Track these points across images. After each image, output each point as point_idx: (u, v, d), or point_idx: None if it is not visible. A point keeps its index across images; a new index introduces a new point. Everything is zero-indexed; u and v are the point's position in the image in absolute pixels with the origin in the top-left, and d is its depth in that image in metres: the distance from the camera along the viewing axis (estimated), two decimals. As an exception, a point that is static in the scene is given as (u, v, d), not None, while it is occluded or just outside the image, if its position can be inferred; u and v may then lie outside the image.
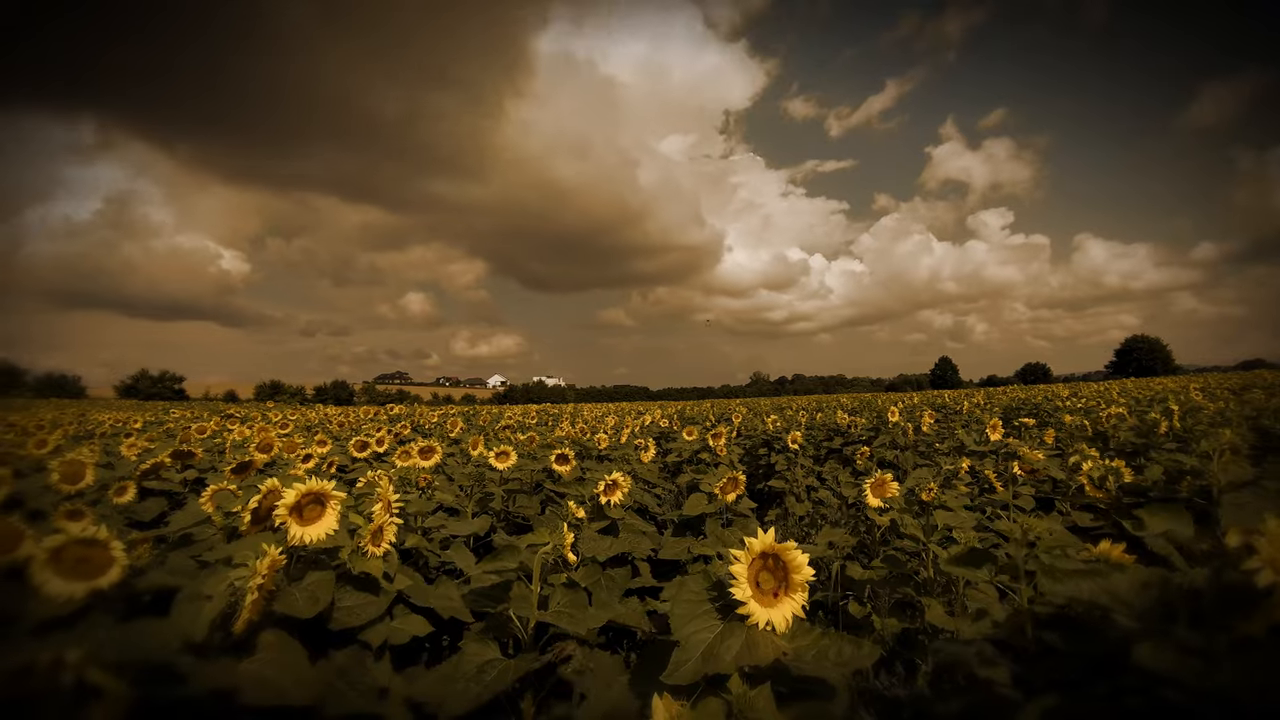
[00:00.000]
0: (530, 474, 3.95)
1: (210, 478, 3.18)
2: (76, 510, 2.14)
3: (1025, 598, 1.41)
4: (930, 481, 2.69)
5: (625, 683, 1.28)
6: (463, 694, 1.39)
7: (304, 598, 1.50)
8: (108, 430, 6.93)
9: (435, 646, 2.32)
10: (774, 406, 15.01)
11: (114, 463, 3.72)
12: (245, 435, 5.35)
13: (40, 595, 1.31)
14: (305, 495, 1.61)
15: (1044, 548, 1.42)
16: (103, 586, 1.38)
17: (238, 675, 1.26)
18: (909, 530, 2.44)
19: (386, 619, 1.78)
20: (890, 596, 2.52)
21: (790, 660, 1.10)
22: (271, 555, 1.36)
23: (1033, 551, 1.43)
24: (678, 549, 2.71)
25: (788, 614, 1.10)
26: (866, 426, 7.34)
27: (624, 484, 2.65)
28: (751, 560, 1.12)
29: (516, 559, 1.60)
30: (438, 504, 2.99)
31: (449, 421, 7.59)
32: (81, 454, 2.80)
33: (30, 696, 0.72)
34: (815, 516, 4.86)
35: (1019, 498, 3.07)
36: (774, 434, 7.22)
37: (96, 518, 2.15)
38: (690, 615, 1.13)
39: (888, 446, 6.10)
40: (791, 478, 5.21)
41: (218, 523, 2.07)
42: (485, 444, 4.34)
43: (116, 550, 1.40)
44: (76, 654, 0.79)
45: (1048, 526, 1.48)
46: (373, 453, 4.43)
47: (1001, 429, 4.09)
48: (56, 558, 1.34)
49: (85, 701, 0.80)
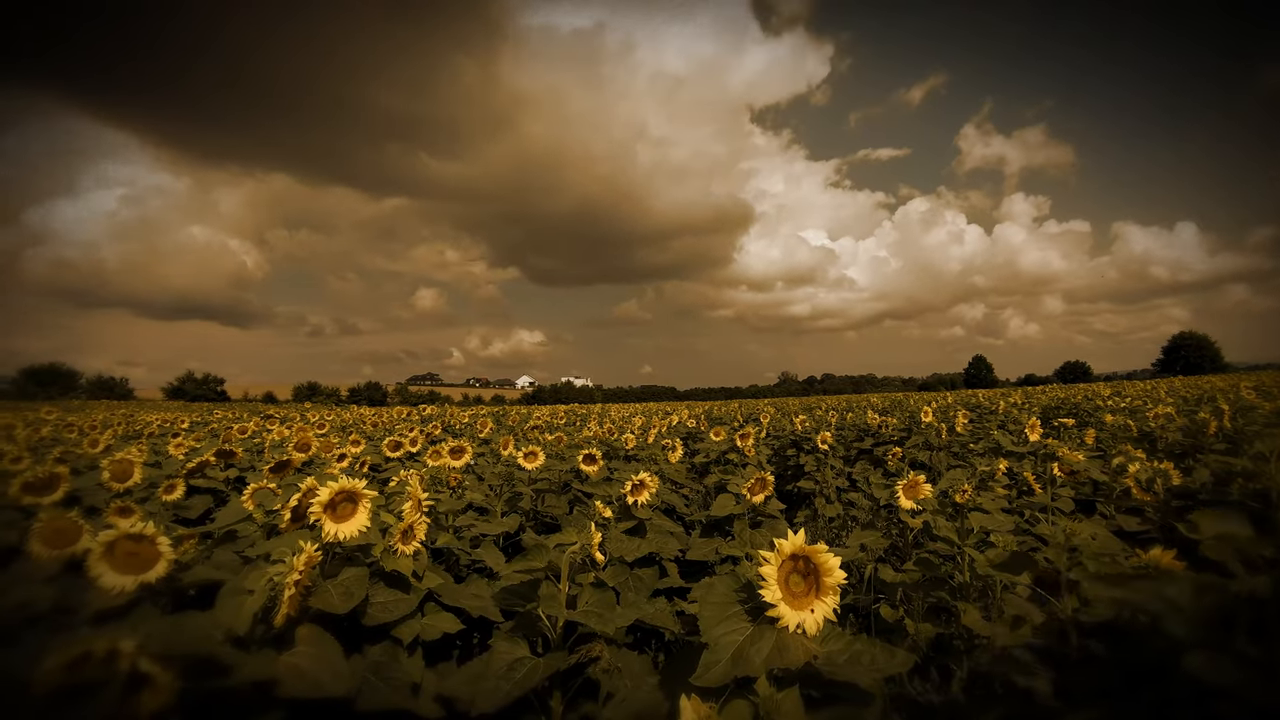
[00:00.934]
0: (558, 474, 3.97)
1: (251, 476, 3.29)
2: (126, 507, 2.23)
3: (1068, 604, 1.36)
4: (965, 483, 2.62)
5: (654, 683, 1.28)
6: (493, 691, 1.40)
7: (339, 594, 1.54)
8: (155, 430, 7.21)
9: (466, 644, 2.35)
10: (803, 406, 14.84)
11: (162, 462, 3.87)
12: (284, 435, 5.50)
13: (96, 587, 1.38)
14: (338, 494, 1.65)
15: (1088, 552, 1.37)
16: (151, 580, 1.44)
17: (277, 667, 1.30)
18: (943, 533, 2.39)
19: (418, 616, 1.82)
20: (924, 601, 2.47)
21: (821, 664, 1.08)
22: (308, 552, 1.40)
23: (1075, 556, 1.38)
24: (706, 550, 2.70)
25: (819, 617, 1.08)
26: (898, 427, 7.21)
27: (651, 484, 2.65)
28: (781, 562, 1.10)
29: (545, 558, 1.62)
30: (468, 503, 3.03)
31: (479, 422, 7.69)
32: (130, 453, 2.92)
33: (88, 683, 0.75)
34: (846, 518, 4.79)
35: (1059, 500, 2.97)
36: (803, 434, 7.14)
37: (145, 514, 2.23)
38: (719, 617, 1.12)
39: (920, 447, 5.97)
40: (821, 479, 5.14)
41: (258, 520, 2.14)
42: (514, 444, 4.39)
43: (163, 545, 1.46)
44: (130, 643, 0.82)
45: (1091, 530, 1.43)
46: (405, 452, 4.52)
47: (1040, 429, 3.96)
48: (110, 552, 1.40)
49: (137, 689, 0.83)
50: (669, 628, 1.85)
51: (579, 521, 2.63)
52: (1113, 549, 1.41)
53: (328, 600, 1.50)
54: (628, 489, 2.62)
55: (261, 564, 1.45)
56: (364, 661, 1.60)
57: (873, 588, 2.82)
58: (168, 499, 2.83)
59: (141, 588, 1.43)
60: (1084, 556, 1.34)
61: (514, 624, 1.61)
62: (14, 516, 2.28)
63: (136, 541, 1.43)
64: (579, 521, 2.63)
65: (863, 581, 2.85)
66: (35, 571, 1.61)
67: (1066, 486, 3.08)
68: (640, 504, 2.63)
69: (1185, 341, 71.59)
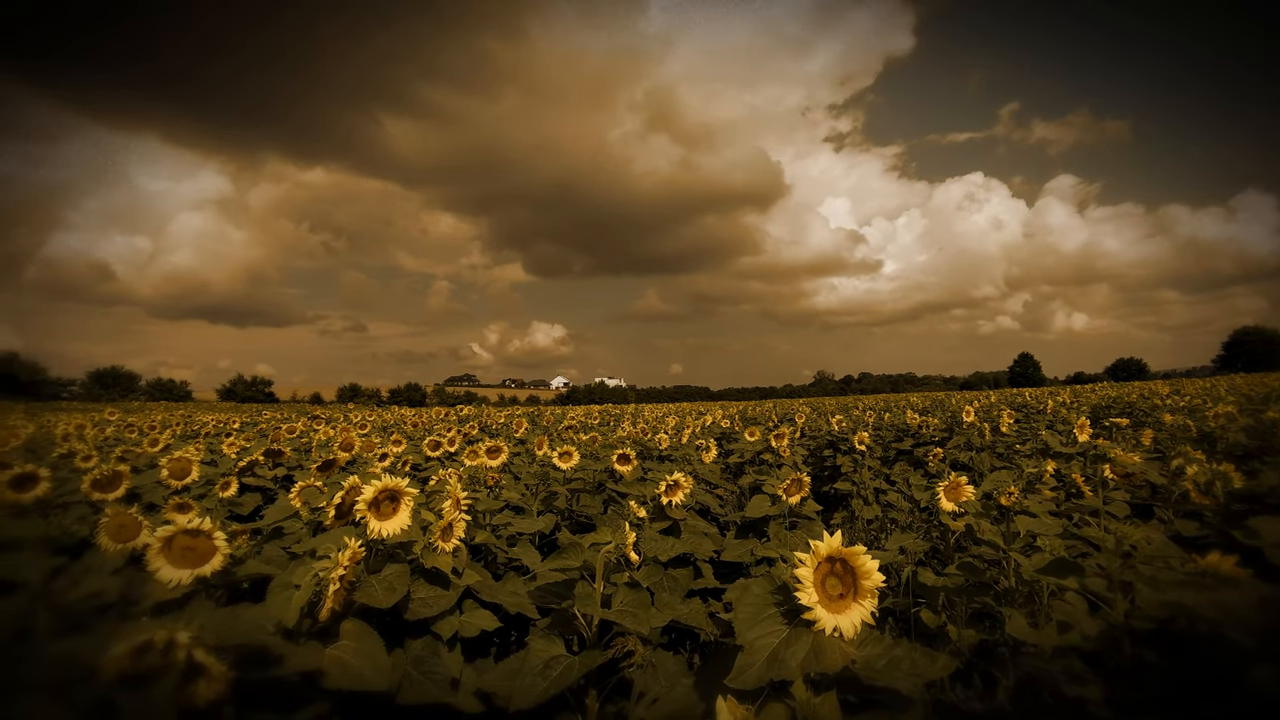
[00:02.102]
0: (593, 473, 4.00)
1: (298, 475, 3.41)
2: (184, 503, 2.35)
3: (1120, 611, 1.30)
4: (1010, 485, 2.53)
5: (689, 684, 1.28)
6: (530, 688, 1.43)
7: (382, 589, 1.58)
8: (210, 430, 7.54)
9: (503, 640, 2.39)
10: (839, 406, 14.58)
11: (217, 460, 4.04)
12: (329, 435, 5.69)
13: (155, 580, 1.45)
14: (381, 492, 1.69)
15: (1142, 557, 1.31)
16: (206, 574, 1.51)
17: (323, 660, 1.34)
18: (987, 536, 2.31)
19: (457, 612, 1.86)
20: (967, 606, 2.40)
21: (859, 669, 1.07)
22: (352, 548, 1.45)
23: (1129, 561, 1.32)
24: (741, 551, 2.68)
25: (856, 620, 1.06)
26: (939, 427, 7.01)
27: (685, 484, 2.65)
28: (818, 564, 1.09)
29: (580, 557, 1.63)
30: (505, 502, 3.08)
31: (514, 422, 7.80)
32: (187, 452, 3.07)
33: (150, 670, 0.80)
34: (884, 521, 4.69)
35: (1111, 504, 2.85)
36: (839, 435, 7.01)
37: (201, 510, 2.34)
38: (755, 618, 1.11)
39: (962, 448, 5.80)
40: (859, 480, 5.04)
41: (305, 517, 2.22)
42: (549, 444, 4.44)
43: (219, 540, 1.53)
44: (186, 634, 0.86)
45: (1145, 535, 1.36)
46: (444, 452, 4.62)
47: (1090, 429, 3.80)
48: (168, 546, 1.47)
49: (194, 678, 0.88)
50: (703, 629, 1.85)
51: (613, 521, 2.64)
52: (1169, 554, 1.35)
53: (371, 595, 1.55)
54: (662, 489, 2.62)
55: (308, 559, 1.50)
56: (405, 656, 1.64)
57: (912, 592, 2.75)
58: (223, 496, 2.96)
59: (197, 581, 1.50)
60: (1137, 561, 1.29)
61: (550, 622, 1.63)
62: (85, 511, 2.42)
63: (193, 536, 1.50)
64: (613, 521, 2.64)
65: (902, 585, 2.78)
66: (103, 563, 1.70)
67: (1120, 490, 2.95)
68: (674, 504, 2.62)
69: (1249, 336, 67.65)
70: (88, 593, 1.44)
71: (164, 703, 0.79)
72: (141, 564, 1.48)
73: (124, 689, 0.76)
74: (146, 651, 0.82)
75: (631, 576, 1.76)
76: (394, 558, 1.74)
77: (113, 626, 0.96)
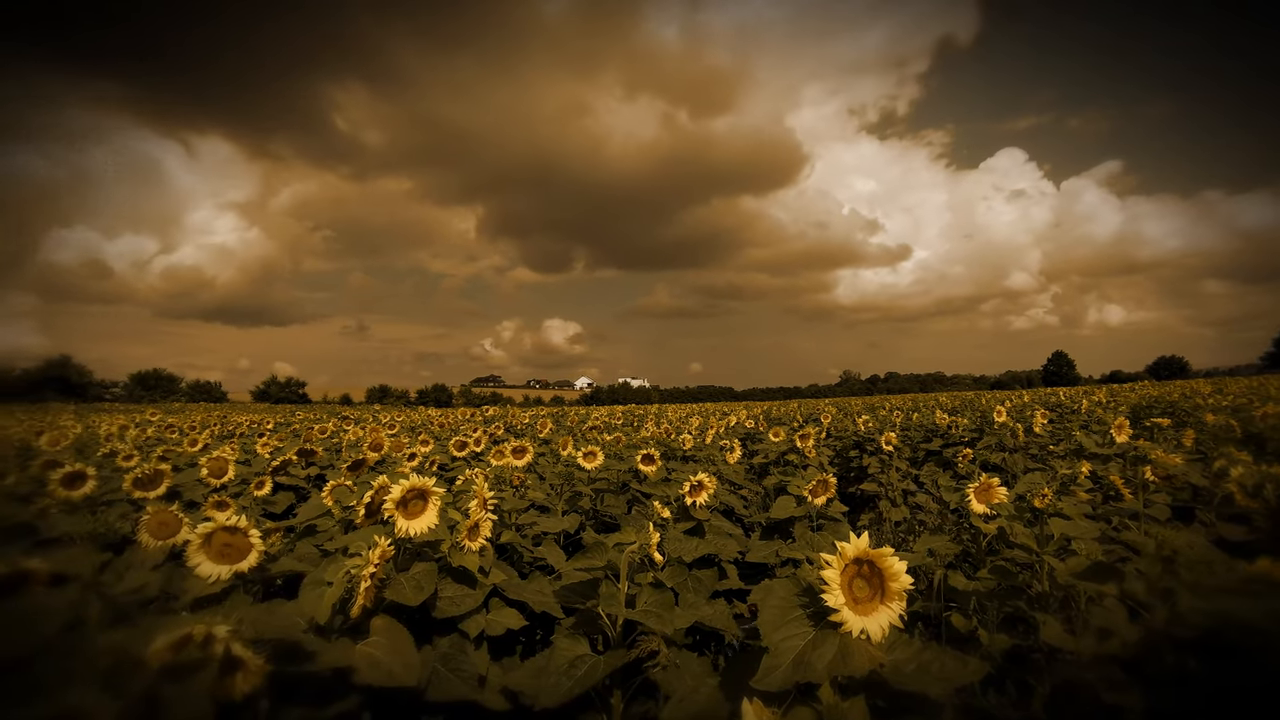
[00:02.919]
0: (617, 474, 4.01)
1: (329, 474, 3.49)
2: (222, 501, 2.42)
3: (1162, 618, 1.26)
4: (1044, 487, 2.46)
5: (714, 685, 1.27)
6: (555, 687, 1.44)
7: (410, 587, 1.61)
8: (245, 430, 7.76)
9: (529, 639, 2.41)
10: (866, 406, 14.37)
11: (251, 460, 4.16)
12: (359, 435, 5.81)
13: (194, 575, 1.50)
14: (409, 491, 1.72)
15: (1185, 563, 1.27)
16: (243, 569, 1.55)
17: (354, 656, 1.37)
18: (1020, 539, 2.26)
19: (483, 611, 1.88)
20: (999, 610, 2.34)
21: (888, 673, 1.05)
22: (382, 546, 1.48)
23: (1171, 566, 1.28)
24: (765, 552, 2.66)
25: (884, 623, 1.04)
26: (969, 427, 6.87)
27: (709, 485, 2.64)
28: (844, 566, 1.08)
29: (605, 557, 1.64)
30: (530, 502, 3.11)
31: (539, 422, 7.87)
32: (224, 452, 3.16)
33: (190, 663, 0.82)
34: (913, 522, 4.61)
35: (1151, 506, 2.75)
36: (866, 435, 6.92)
37: (238, 508, 2.41)
38: (780, 620, 1.10)
39: (993, 449, 5.67)
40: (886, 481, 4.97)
41: (336, 515, 2.26)
42: (573, 444, 4.47)
43: (255, 538, 1.57)
44: (224, 629, 0.89)
45: (1188, 539, 1.32)
46: (470, 452, 4.68)
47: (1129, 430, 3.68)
48: (207, 542, 1.52)
49: (232, 671, 0.90)
50: (729, 630, 1.84)
51: (637, 521, 2.65)
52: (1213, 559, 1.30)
53: (400, 593, 1.58)
54: (686, 490, 2.62)
55: (340, 557, 1.53)
56: (433, 653, 1.67)
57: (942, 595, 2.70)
58: (258, 494, 3.04)
59: (235, 576, 1.55)
60: (1180, 567, 1.24)
61: (575, 621, 1.64)
62: (127, 509, 2.51)
63: (231, 534, 1.55)
64: (637, 521, 2.65)
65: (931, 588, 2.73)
66: (145, 559, 1.77)
67: (1161, 492, 2.85)
68: (698, 505, 2.62)
69: (1302, 332, 64.78)
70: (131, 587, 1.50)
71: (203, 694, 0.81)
72: (181, 560, 1.53)
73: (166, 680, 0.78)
74: (187, 644, 0.85)
75: (656, 577, 1.76)
76: (422, 556, 1.77)
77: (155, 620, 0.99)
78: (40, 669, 0.67)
